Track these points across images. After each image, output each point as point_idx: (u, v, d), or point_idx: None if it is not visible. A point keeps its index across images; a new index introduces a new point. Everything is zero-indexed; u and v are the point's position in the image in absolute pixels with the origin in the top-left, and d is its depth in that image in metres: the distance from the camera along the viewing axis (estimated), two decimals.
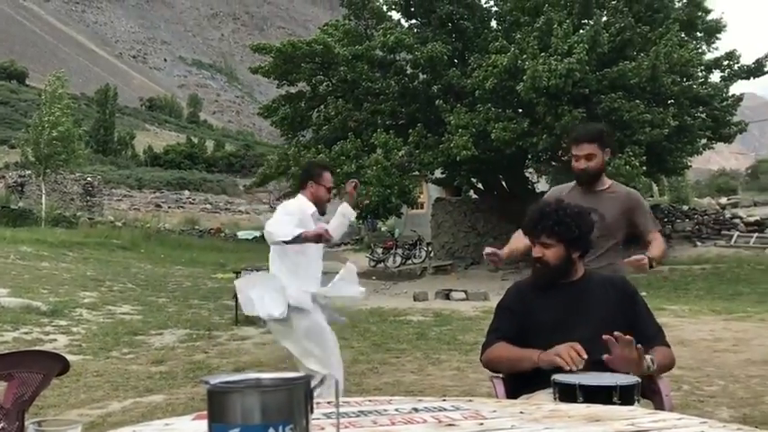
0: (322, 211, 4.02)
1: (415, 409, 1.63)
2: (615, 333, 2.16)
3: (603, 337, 2.16)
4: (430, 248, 19.78)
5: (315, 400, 0.87)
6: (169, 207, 40.10)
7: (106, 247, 17.58)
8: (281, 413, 0.81)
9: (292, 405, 0.82)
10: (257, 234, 26.70)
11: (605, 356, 2.17)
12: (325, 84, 17.71)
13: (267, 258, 4.07)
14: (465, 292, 12.63)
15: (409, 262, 19.98)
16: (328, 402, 1.72)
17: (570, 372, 2.15)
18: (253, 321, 8.86)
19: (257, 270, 9.90)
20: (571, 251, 2.47)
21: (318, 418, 1.53)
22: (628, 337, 2.16)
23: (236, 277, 9.31)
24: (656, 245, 3.30)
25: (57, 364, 2.36)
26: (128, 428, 1.45)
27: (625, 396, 2.06)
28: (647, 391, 2.37)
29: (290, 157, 15.98)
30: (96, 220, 24.94)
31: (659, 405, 2.35)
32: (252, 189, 22.33)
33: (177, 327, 8.52)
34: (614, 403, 2.03)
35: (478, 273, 16.57)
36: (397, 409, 1.63)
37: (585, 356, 2.15)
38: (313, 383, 0.87)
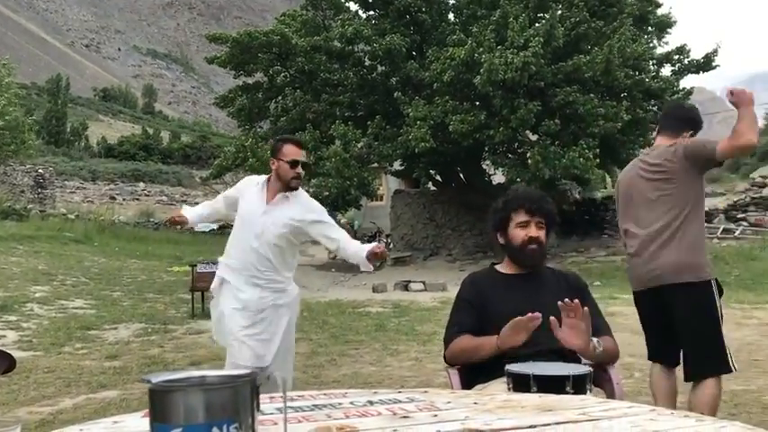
0: (290, 187, 3.63)
1: (371, 402, 1.63)
2: (564, 300, 2.22)
3: (551, 318, 2.21)
4: (389, 240, 19.82)
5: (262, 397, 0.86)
6: (124, 199, 39.35)
7: (58, 241, 17.17)
8: (225, 411, 0.79)
9: (237, 403, 0.81)
10: (214, 227, 26.37)
11: (552, 319, 2.24)
12: (282, 74, 17.55)
13: (222, 251, 3.94)
14: (423, 283, 12.69)
15: None
16: (281, 396, 1.71)
17: (529, 354, 2.20)
18: (209, 315, 8.79)
19: (214, 263, 9.82)
20: (547, 240, 2.56)
21: (272, 413, 1.52)
22: (576, 301, 2.22)
23: (193, 270, 9.21)
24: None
25: (2, 362, 2.29)
26: (75, 427, 1.41)
27: (578, 385, 2.10)
28: (598, 380, 2.41)
29: (248, 148, 15.79)
30: (48, 213, 24.31)
31: (610, 393, 2.40)
32: (208, 181, 21.99)
33: (132, 321, 8.39)
34: (567, 392, 2.06)
35: (437, 264, 16.68)
36: (352, 402, 1.63)
37: (536, 325, 2.20)
38: (259, 380, 0.86)
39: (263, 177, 3.77)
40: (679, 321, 3.25)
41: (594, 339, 2.33)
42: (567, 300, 2.24)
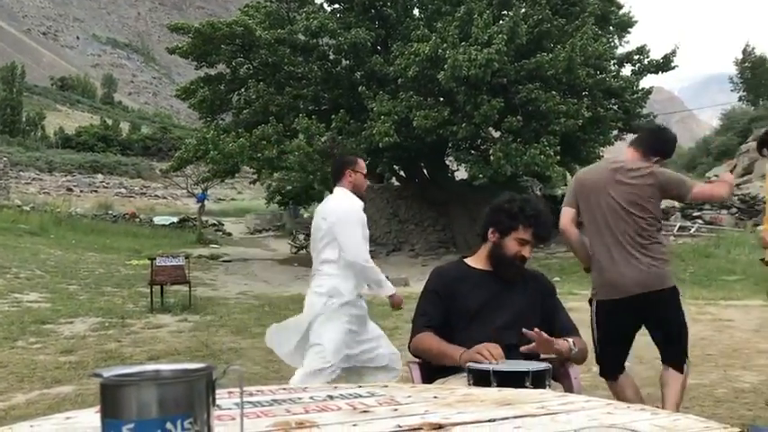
0: (363, 199, 3.85)
1: (330, 397, 1.62)
2: (535, 330, 2.26)
3: (523, 330, 2.24)
4: None
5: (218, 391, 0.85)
6: (81, 191, 38.56)
7: (13, 233, 16.74)
8: (179, 406, 0.77)
9: (192, 398, 0.79)
10: (174, 219, 26.04)
11: (523, 348, 2.28)
12: (245, 66, 17.37)
13: (183, 244, 3.89)
14: (386, 278, 12.69)
15: None
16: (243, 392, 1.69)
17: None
18: (169, 309, 8.67)
19: (174, 257, 9.68)
20: None
21: (230, 408, 1.50)
22: (544, 335, 2.28)
23: (152, 264, 9.08)
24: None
25: None
26: (25, 423, 1.37)
27: (537, 381, 2.12)
28: (557, 375, 2.44)
29: (209, 140, 15.60)
30: (2, 204, 23.68)
31: (569, 388, 2.43)
32: (169, 173, 21.65)
33: (89, 315, 8.22)
34: (527, 388, 2.08)
35: (400, 259, 16.72)
36: (311, 397, 1.61)
37: (503, 357, 2.22)
38: (215, 374, 0.84)
39: (352, 197, 3.83)
40: (666, 321, 3.52)
41: (570, 340, 2.36)
42: (536, 330, 2.28)
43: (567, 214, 3.56)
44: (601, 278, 3.47)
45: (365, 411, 1.48)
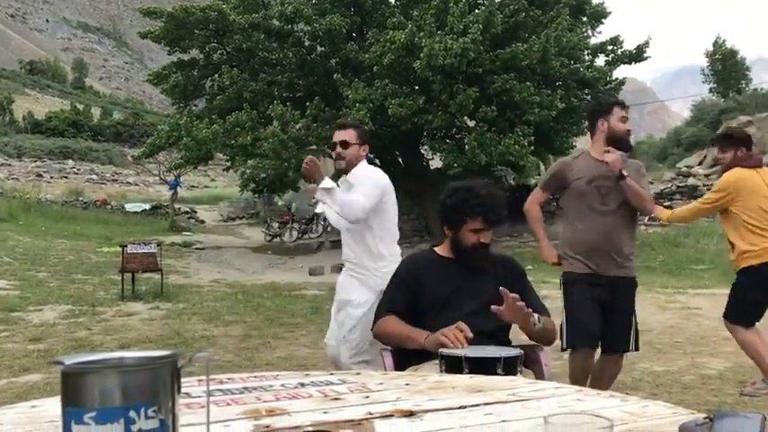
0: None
1: (302, 384, 1.62)
2: (503, 290, 2.26)
3: (492, 307, 2.25)
4: (327, 223, 19.71)
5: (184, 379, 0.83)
6: (51, 177, 37.91)
7: None
8: (143, 394, 0.76)
9: (156, 385, 0.77)
10: (146, 206, 25.76)
11: (494, 307, 2.27)
12: (219, 52, 17.15)
13: (156, 231, 3.81)
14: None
15: (306, 236, 19.87)
16: (211, 379, 1.68)
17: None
18: (140, 297, 8.59)
19: (145, 244, 9.58)
20: None
21: (200, 396, 1.49)
22: (515, 295, 2.27)
23: (123, 251, 8.97)
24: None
25: None
26: None
27: (509, 367, 2.14)
28: (528, 362, 2.46)
29: (182, 127, 15.40)
30: None
31: (539, 374, 2.45)
32: (141, 160, 21.37)
33: (58, 303, 8.12)
34: (498, 374, 2.10)
35: None
36: (283, 385, 1.61)
37: (470, 335, 2.21)
38: (181, 362, 0.83)
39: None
40: (623, 308, 3.66)
41: (535, 315, 2.38)
42: (503, 289, 2.28)
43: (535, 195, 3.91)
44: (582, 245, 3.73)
45: (336, 399, 1.48)
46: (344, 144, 3.50)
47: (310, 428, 1.22)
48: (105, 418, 0.75)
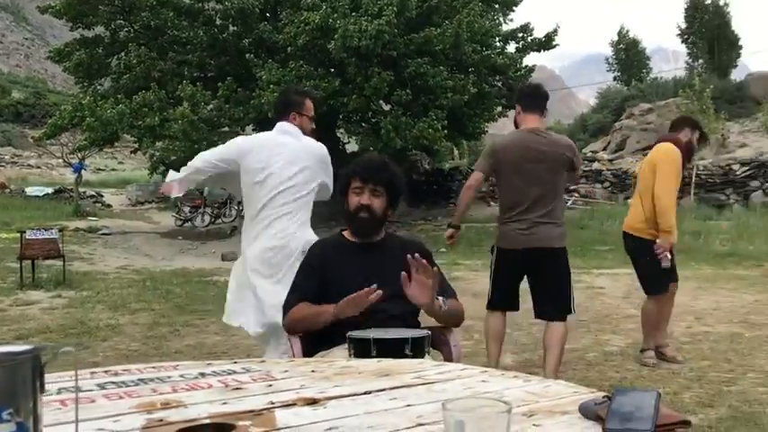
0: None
1: (202, 374, 1.56)
2: (415, 256, 2.25)
3: (402, 274, 2.24)
4: (240, 207, 19.37)
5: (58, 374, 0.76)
6: None
7: None
8: None
9: (14, 385, 0.70)
10: (49, 190, 24.56)
11: (404, 274, 2.26)
12: (126, 29, 16.43)
13: (59, 216, 3.59)
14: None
15: (219, 221, 19.44)
16: (105, 371, 1.59)
17: (371, 321, 2.21)
18: (41, 285, 8.17)
19: (46, 230, 9.10)
20: (388, 209, 2.55)
21: (91, 390, 1.41)
22: (423, 261, 2.26)
23: (22, 237, 8.49)
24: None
25: None
26: None
27: (416, 348, 2.14)
28: (437, 343, 2.48)
29: (85, 107, 14.70)
30: None
31: (448, 356, 2.47)
32: (42, 141, 20.29)
33: None
34: (407, 355, 2.10)
35: None
36: (182, 375, 1.54)
37: (377, 295, 2.21)
38: (45, 357, 0.76)
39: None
40: (550, 276, 4.07)
41: (440, 298, 2.38)
42: (416, 255, 2.27)
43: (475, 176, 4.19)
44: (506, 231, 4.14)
45: (237, 388, 1.43)
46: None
47: (206, 421, 1.17)
48: None
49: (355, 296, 2.22)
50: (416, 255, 2.27)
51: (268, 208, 3.34)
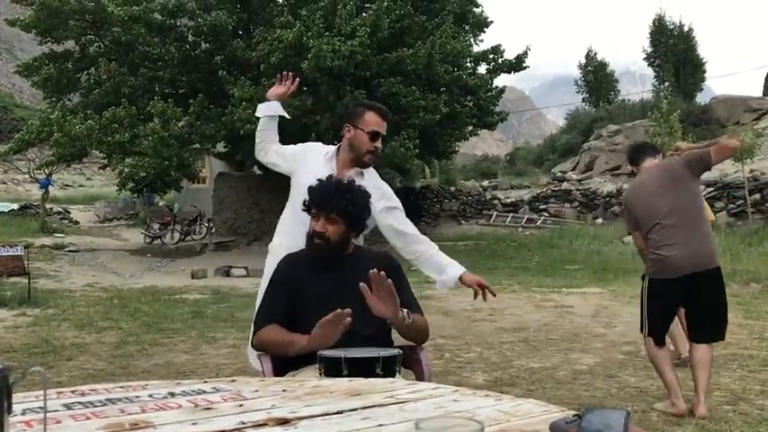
0: (363, 163, 3.07)
1: (172, 394, 1.53)
2: (372, 271, 2.25)
3: (361, 285, 2.23)
4: (211, 224, 19.23)
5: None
6: None
7: None
8: None
9: None
10: (14, 206, 24.14)
11: (362, 285, 2.25)
12: (96, 44, 16.29)
13: (25, 233, 3.51)
14: (246, 268, 12.47)
15: (189, 238, 19.26)
16: (72, 391, 1.57)
17: (342, 341, 2.20)
18: (5, 303, 8.00)
19: (11, 246, 8.92)
20: (351, 231, 2.55)
21: (57, 410, 1.38)
22: (382, 273, 2.26)
23: None
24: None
25: None
26: None
27: (387, 366, 2.14)
28: (408, 362, 2.48)
29: (53, 122, 14.49)
30: None
31: (420, 374, 2.47)
32: (9, 156, 19.95)
33: None
34: (378, 374, 2.09)
35: (261, 249, 16.43)
36: (151, 395, 1.52)
37: (349, 321, 2.20)
38: (12, 378, 0.74)
39: (332, 147, 3.18)
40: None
41: (404, 310, 2.38)
42: (374, 270, 2.26)
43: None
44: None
45: (207, 408, 1.41)
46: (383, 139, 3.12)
47: None
48: None
49: (326, 320, 2.20)
50: (374, 270, 2.27)
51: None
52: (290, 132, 16.42)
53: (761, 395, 4.38)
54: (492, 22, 18.75)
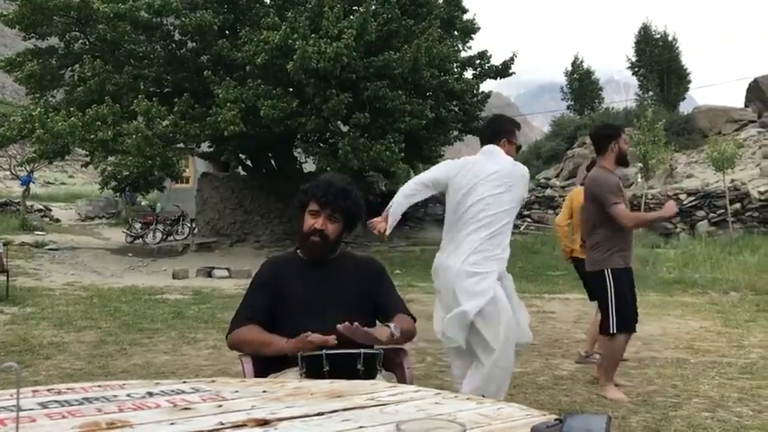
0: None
1: (150, 394, 1.52)
2: (345, 325, 2.20)
3: (338, 327, 2.19)
4: (194, 225, 19.11)
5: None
6: None
7: None
8: None
9: None
10: None
11: (339, 327, 2.20)
12: (81, 41, 16.15)
13: (4, 230, 3.47)
14: (228, 269, 12.41)
15: (171, 238, 19.11)
16: (48, 390, 1.54)
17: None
18: None
19: None
20: (343, 233, 2.54)
21: (33, 409, 1.36)
22: (355, 324, 2.21)
23: None
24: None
25: None
26: None
27: (368, 363, 2.13)
28: (391, 365, 2.47)
29: (36, 118, 14.32)
30: None
31: (401, 378, 2.46)
32: None
33: None
34: (359, 371, 2.08)
35: (244, 250, 16.39)
36: (129, 395, 1.50)
37: (335, 341, 2.18)
38: None
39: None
40: None
41: (391, 326, 2.36)
42: (342, 326, 2.20)
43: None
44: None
45: (186, 408, 1.40)
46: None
47: None
48: None
49: (312, 339, 2.18)
50: (342, 325, 2.20)
51: (468, 224, 3.55)
52: (276, 135, 16.34)
53: (739, 402, 4.42)
54: (479, 28, 18.81)
